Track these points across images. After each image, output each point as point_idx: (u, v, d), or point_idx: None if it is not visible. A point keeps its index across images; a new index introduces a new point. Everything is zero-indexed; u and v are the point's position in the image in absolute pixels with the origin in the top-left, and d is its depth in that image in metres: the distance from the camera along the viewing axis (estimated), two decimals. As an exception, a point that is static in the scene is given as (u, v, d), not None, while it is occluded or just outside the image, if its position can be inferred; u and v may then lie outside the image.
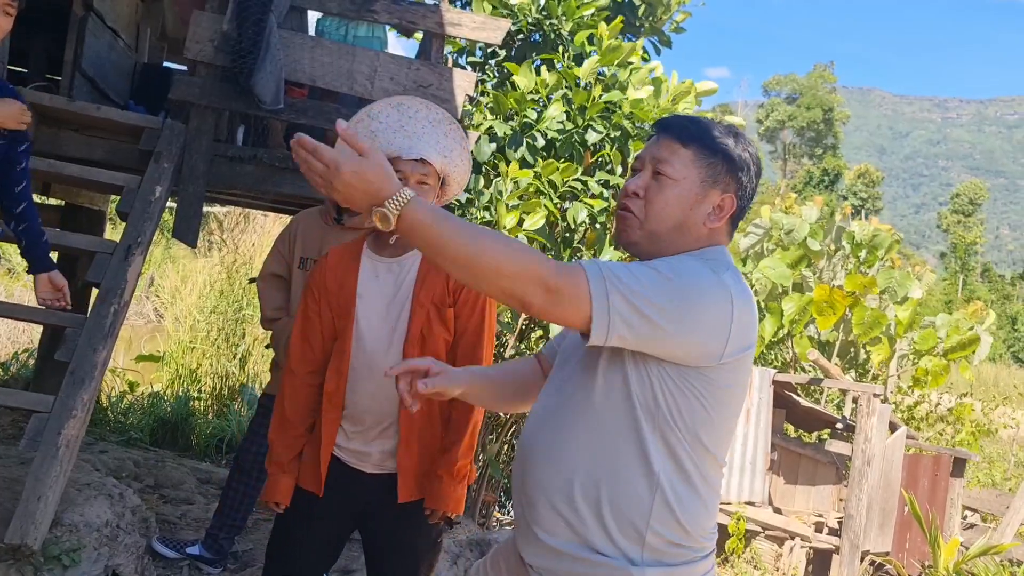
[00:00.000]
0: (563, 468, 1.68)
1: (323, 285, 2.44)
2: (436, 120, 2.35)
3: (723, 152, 1.70)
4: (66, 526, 3.28)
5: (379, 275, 2.41)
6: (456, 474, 2.39)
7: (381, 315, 2.38)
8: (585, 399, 1.69)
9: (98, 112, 4.14)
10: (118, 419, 6.71)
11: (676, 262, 1.60)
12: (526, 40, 5.23)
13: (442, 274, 2.38)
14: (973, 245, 53.80)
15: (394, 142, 2.33)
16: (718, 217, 1.72)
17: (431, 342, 2.36)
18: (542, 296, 1.48)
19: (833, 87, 68.23)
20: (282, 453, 2.45)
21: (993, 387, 19.92)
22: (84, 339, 3.39)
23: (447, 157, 2.37)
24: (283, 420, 2.47)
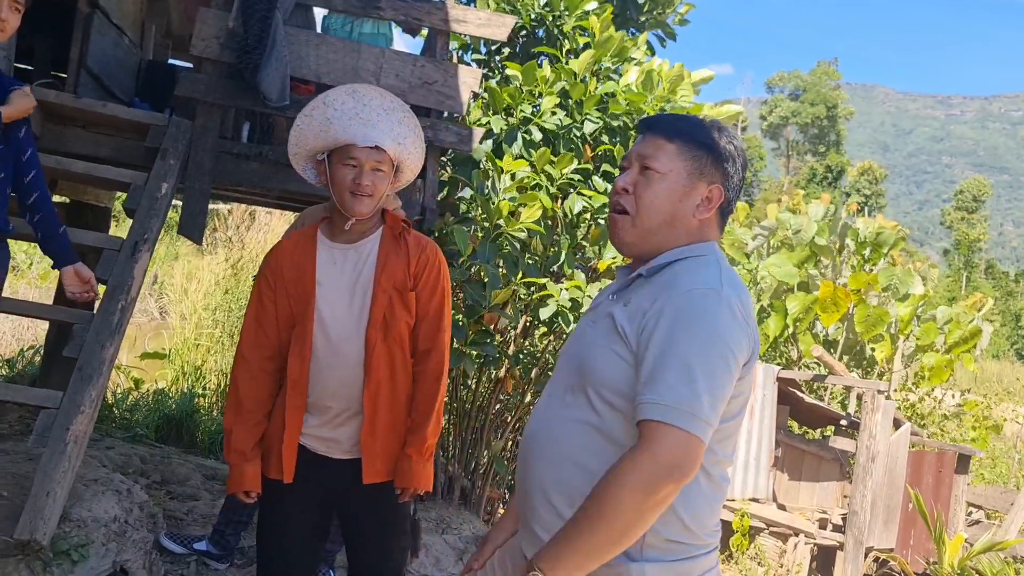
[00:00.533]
0: (561, 467, 1.70)
1: (278, 271, 2.45)
2: (390, 108, 2.40)
3: (707, 145, 1.74)
4: (74, 521, 3.29)
5: (337, 261, 2.43)
6: (424, 452, 2.44)
7: (343, 301, 2.40)
8: (582, 399, 1.71)
9: (104, 109, 4.14)
10: (123, 416, 6.72)
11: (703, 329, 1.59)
12: (530, 36, 5.24)
13: (402, 258, 2.43)
14: (977, 242, 53.69)
15: (349, 129, 2.37)
16: (707, 208, 1.75)
17: (394, 325, 2.40)
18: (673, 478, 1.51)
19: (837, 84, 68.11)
20: (243, 441, 2.43)
21: (997, 383, 19.88)
22: (92, 335, 3.40)
23: (401, 144, 2.41)
24: (240, 407, 2.45)
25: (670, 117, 1.81)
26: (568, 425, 1.71)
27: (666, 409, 1.52)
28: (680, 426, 1.51)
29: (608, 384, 1.66)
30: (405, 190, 4.29)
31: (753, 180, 56.18)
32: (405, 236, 2.47)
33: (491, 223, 4.21)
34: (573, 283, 4.34)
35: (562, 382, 1.80)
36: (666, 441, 1.51)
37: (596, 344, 1.71)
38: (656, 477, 1.50)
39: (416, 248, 2.46)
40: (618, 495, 1.51)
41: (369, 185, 2.36)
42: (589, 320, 1.83)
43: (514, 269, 4.25)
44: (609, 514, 1.51)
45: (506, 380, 5.12)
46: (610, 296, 1.81)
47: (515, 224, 4.17)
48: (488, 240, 4.16)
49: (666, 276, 1.69)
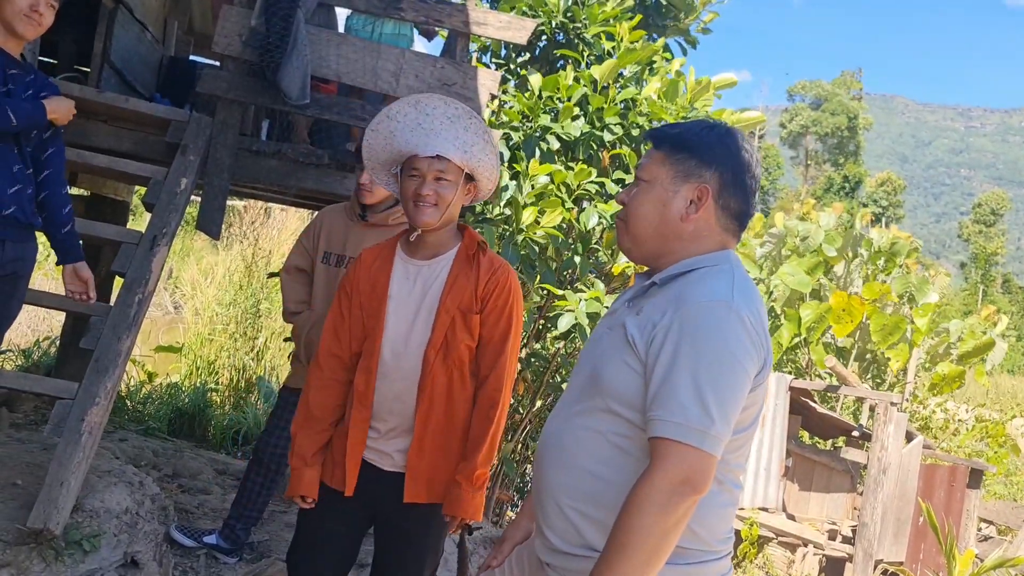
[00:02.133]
0: (572, 473, 1.73)
1: (356, 284, 2.46)
2: (454, 116, 2.33)
3: (690, 146, 1.74)
4: (87, 512, 3.32)
5: (410, 277, 2.43)
6: (475, 481, 2.39)
7: (409, 317, 2.40)
8: (594, 407, 1.72)
9: (127, 104, 4.18)
10: (136, 408, 6.77)
11: (715, 342, 1.59)
12: (551, 41, 5.24)
13: (471, 279, 2.39)
14: (994, 256, 53.25)
15: (411, 140, 2.34)
16: (697, 208, 1.73)
17: (453, 348, 2.38)
18: (688, 495, 1.53)
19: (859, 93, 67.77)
20: (306, 447, 2.46)
21: (1011, 398, 19.71)
22: (109, 328, 3.43)
23: (468, 152, 2.35)
24: (308, 415, 2.48)
25: (667, 126, 1.83)
26: (579, 432, 1.73)
27: (677, 427, 1.54)
28: (691, 444, 1.53)
29: (618, 395, 1.67)
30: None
31: (770, 189, 55.96)
32: (479, 257, 2.43)
33: (515, 226, 4.23)
34: (593, 293, 4.34)
35: (576, 388, 1.81)
36: (677, 459, 1.53)
37: (609, 354, 1.72)
38: (671, 496, 1.52)
39: (488, 270, 2.41)
40: (640, 522, 1.52)
41: (431, 195, 2.32)
42: (607, 326, 1.84)
43: (531, 272, 4.26)
44: (636, 542, 1.52)
45: (517, 383, 5.12)
46: (626, 303, 1.81)
47: (536, 228, 4.19)
48: (510, 243, 4.17)
49: (678, 286, 1.69)
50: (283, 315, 3.86)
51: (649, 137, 1.82)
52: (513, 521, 2.08)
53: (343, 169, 4.44)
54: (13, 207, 2.82)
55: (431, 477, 2.40)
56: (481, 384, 2.44)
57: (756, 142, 48.52)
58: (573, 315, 4.30)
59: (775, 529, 7.77)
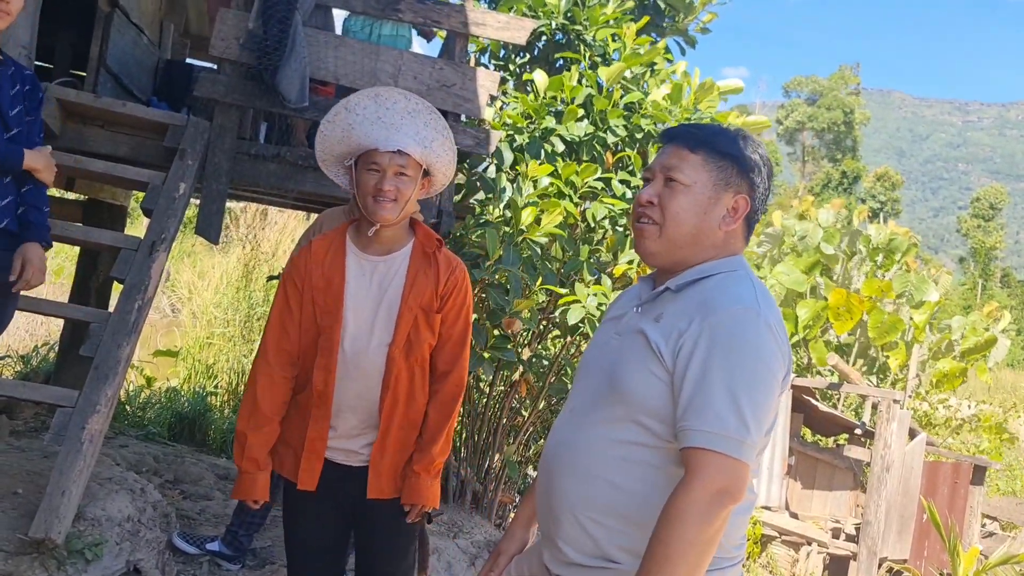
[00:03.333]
0: (590, 484, 1.70)
1: (307, 277, 2.40)
2: (414, 111, 2.32)
3: (731, 154, 1.73)
4: (88, 520, 3.29)
5: (366, 273, 2.39)
6: (432, 471, 2.43)
7: (368, 314, 2.37)
8: (613, 415, 1.69)
9: (123, 108, 4.15)
10: (136, 413, 6.74)
11: (746, 348, 1.59)
12: (550, 42, 5.22)
13: (431, 278, 2.39)
14: (993, 250, 53.28)
15: (371, 134, 2.31)
16: (733, 219, 1.74)
17: (416, 346, 2.38)
18: (726, 504, 1.53)
19: (856, 89, 67.76)
20: (257, 449, 2.40)
21: (1012, 394, 19.72)
22: (108, 335, 3.40)
23: (427, 148, 2.34)
24: (256, 411, 2.40)
25: (692, 127, 1.79)
26: (598, 442, 1.70)
27: (713, 437, 1.53)
28: (728, 453, 1.52)
29: (643, 405, 1.65)
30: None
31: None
32: (436, 255, 2.42)
33: (515, 228, 4.20)
34: (600, 288, 4.33)
35: (589, 397, 1.77)
36: (715, 469, 1.52)
37: (629, 362, 1.69)
38: (711, 506, 1.50)
39: (446, 269, 2.42)
40: (681, 533, 1.50)
41: (392, 190, 2.30)
42: (613, 332, 1.81)
43: (533, 274, 4.24)
44: (679, 555, 1.49)
45: (520, 385, 5.10)
46: (636, 309, 1.78)
47: (537, 230, 4.17)
48: (511, 245, 4.15)
49: (699, 292, 1.68)
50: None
51: (679, 138, 1.76)
52: (507, 532, 2.05)
53: (342, 172, 4.41)
54: (6, 220, 2.79)
55: (396, 473, 2.42)
56: (441, 379, 2.46)
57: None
58: (583, 308, 4.27)
59: (779, 528, 7.76)
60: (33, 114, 2.95)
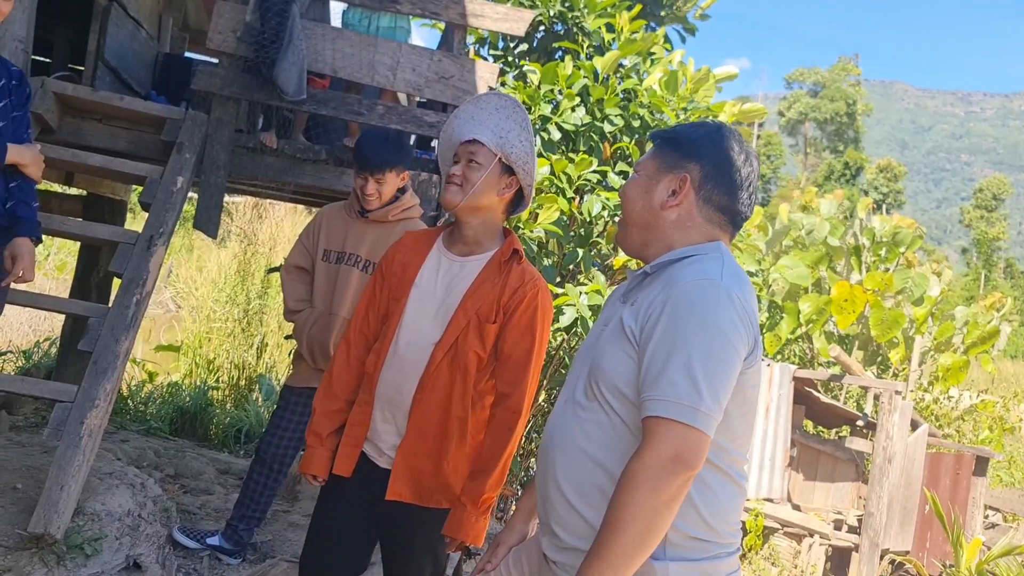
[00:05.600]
0: (577, 465, 1.73)
1: (391, 264, 2.44)
2: (500, 106, 2.36)
3: (676, 141, 1.81)
4: (88, 515, 3.29)
5: (441, 269, 2.39)
6: (481, 505, 2.30)
7: (428, 310, 2.36)
8: (595, 399, 1.73)
9: (121, 102, 4.14)
10: (138, 408, 6.75)
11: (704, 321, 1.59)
12: (548, 32, 5.20)
13: (497, 287, 2.33)
14: (996, 241, 53.19)
15: (460, 131, 2.37)
16: (676, 199, 1.78)
17: (461, 353, 2.30)
18: (678, 472, 1.52)
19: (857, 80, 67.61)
20: (322, 424, 2.44)
21: (1015, 383, 19.70)
22: (107, 329, 3.40)
23: (502, 138, 2.33)
24: (329, 388, 2.45)
25: (670, 127, 1.92)
26: (582, 425, 1.74)
27: (666, 404, 1.54)
28: (680, 420, 1.53)
29: (618, 382, 1.68)
30: (421, 185, 4.28)
31: (771, 177, 55.88)
32: (511, 265, 2.36)
33: (511, 224, 4.18)
34: (593, 287, 4.30)
35: (575, 385, 1.82)
36: (667, 436, 1.52)
37: (606, 345, 1.74)
38: (662, 472, 1.51)
39: (516, 281, 2.33)
40: (631, 498, 1.51)
41: (458, 175, 2.31)
42: (603, 323, 1.86)
43: (530, 269, 4.22)
44: (627, 519, 1.51)
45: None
46: (620, 300, 1.84)
47: (533, 226, 4.15)
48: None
49: (668, 272, 1.73)
50: (284, 314, 3.83)
51: (650, 138, 1.88)
52: (507, 524, 2.06)
53: (341, 165, 4.41)
54: None
55: (418, 478, 2.33)
56: (500, 401, 2.34)
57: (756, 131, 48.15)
58: (575, 308, 4.27)
59: (781, 520, 7.75)
60: (20, 110, 2.91)
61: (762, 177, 53.82)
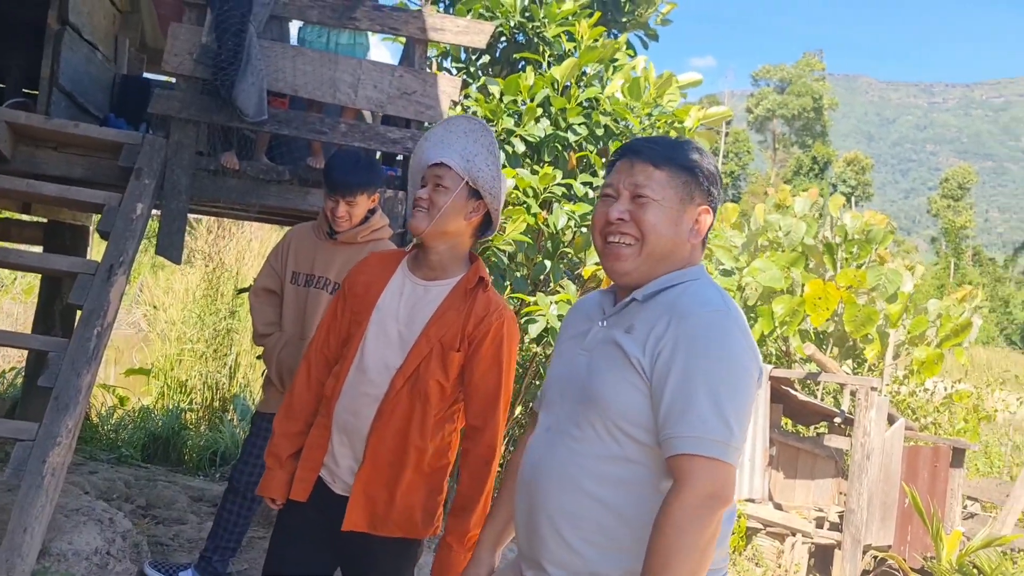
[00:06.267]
0: (575, 501, 1.68)
1: (353, 286, 2.40)
2: (469, 130, 2.33)
3: (692, 168, 1.75)
4: (54, 556, 3.22)
5: (404, 293, 2.34)
6: (467, 543, 2.24)
7: (390, 335, 2.30)
8: (595, 431, 1.68)
9: (76, 129, 4.05)
10: (109, 435, 6.63)
11: (722, 351, 1.60)
12: (511, 42, 5.16)
13: (462, 314, 2.28)
14: (963, 229, 53.92)
15: (429, 153, 2.34)
16: (698, 232, 1.76)
17: (421, 381, 2.26)
18: (717, 509, 1.53)
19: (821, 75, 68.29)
20: (281, 446, 2.40)
21: (987, 371, 19.94)
22: (67, 364, 3.32)
23: (469, 162, 2.29)
24: (289, 409, 2.42)
25: (650, 142, 1.79)
26: (582, 459, 1.68)
27: (699, 441, 1.53)
28: (715, 456, 1.52)
29: (626, 416, 1.64)
30: (387, 202, 4.22)
31: (740, 174, 56.27)
32: (477, 293, 2.31)
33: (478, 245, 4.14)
34: (563, 296, 4.27)
35: (564, 414, 1.75)
36: (705, 473, 1.51)
37: (605, 374, 1.68)
38: (703, 511, 1.50)
39: (482, 310, 2.28)
40: (679, 541, 1.49)
41: (425, 199, 2.27)
42: (579, 348, 1.79)
43: (501, 282, 4.18)
44: (678, 562, 1.48)
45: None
46: (601, 323, 1.77)
47: (501, 238, 4.11)
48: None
49: (667, 300, 1.68)
50: (253, 337, 3.77)
51: (641, 154, 1.76)
52: (473, 557, 1.99)
53: (305, 184, 4.35)
54: None
55: (373, 508, 2.27)
56: (473, 436, 2.30)
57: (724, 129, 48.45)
58: (545, 319, 4.23)
59: (763, 520, 7.76)
60: None
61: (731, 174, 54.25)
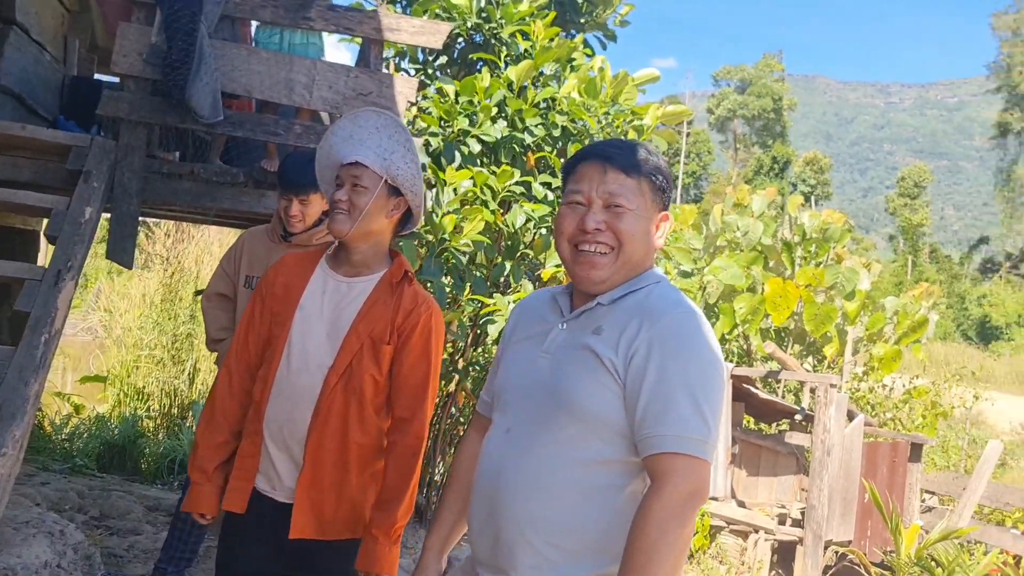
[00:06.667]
0: (545, 506, 1.65)
1: (271, 287, 2.36)
2: (381, 126, 2.30)
3: (655, 174, 1.76)
4: (2, 570, 3.12)
5: (327, 291, 2.31)
6: (393, 534, 2.25)
7: (315, 334, 2.28)
8: (566, 435, 1.66)
9: (23, 132, 3.94)
10: (63, 444, 6.48)
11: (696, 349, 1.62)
12: (468, 43, 5.14)
13: (390, 307, 2.27)
14: (920, 227, 54.87)
15: (341, 150, 2.30)
16: (661, 236, 1.79)
17: (357, 376, 2.25)
18: (697, 506, 1.55)
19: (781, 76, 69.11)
20: (207, 458, 2.32)
21: (945, 367, 20.28)
22: (14, 372, 3.22)
23: (387, 160, 2.27)
24: (212, 419, 2.35)
25: (617, 148, 1.78)
26: (552, 464, 1.66)
27: (679, 440, 1.55)
28: (695, 455, 1.54)
29: (599, 419, 1.64)
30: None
31: (702, 174, 56.76)
32: (403, 287, 2.31)
33: (436, 238, 4.10)
34: (520, 295, 4.26)
35: (527, 418, 1.72)
36: (683, 472, 1.53)
37: (576, 377, 1.67)
38: (685, 509, 1.52)
39: (410, 303, 2.29)
40: (661, 539, 1.49)
41: (344, 201, 2.24)
42: (538, 351, 1.77)
43: (460, 284, 4.15)
44: (661, 559, 1.49)
45: (456, 394, 5.01)
46: (561, 325, 1.76)
47: (459, 239, 4.07)
48: (433, 255, 4.05)
49: (634, 302, 1.70)
50: (206, 343, 3.71)
51: (615, 162, 1.74)
52: (420, 564, 1.95)
53: (260, 187, 4.28)
54: None
55: (320, 512, 2.25)
56: (400, 427, 2.29)
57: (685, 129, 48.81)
58: (504, 319, 4.21)
59: (726, 518, 7.81)
60: None
61: (693, 174, 54.71)
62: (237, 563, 2.34)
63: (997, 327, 41.24)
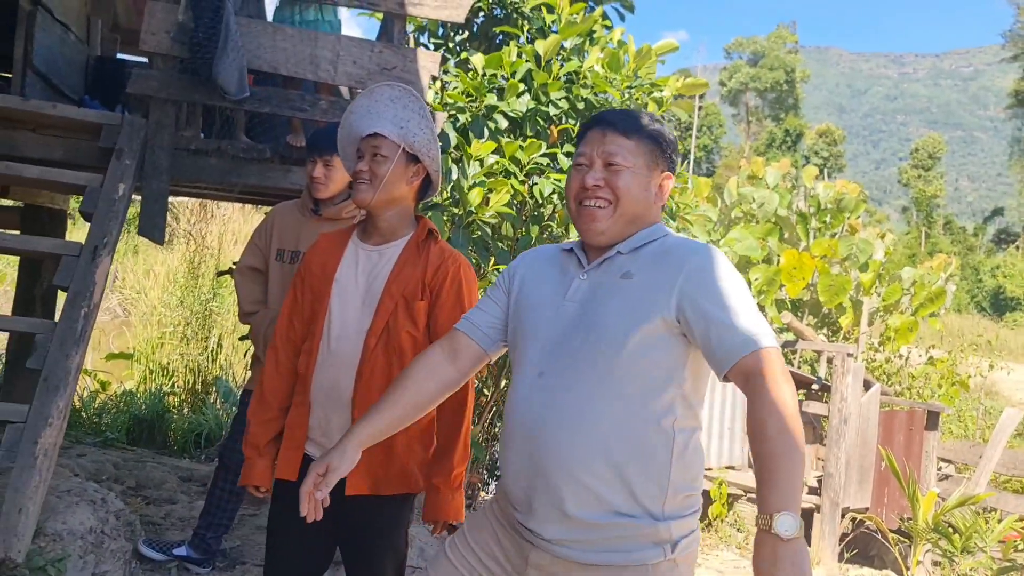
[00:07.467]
0: (589, 444, 1.74)
1: (309, 267, 2.46)
2: (395, 97, 2.38)
3: (657, 138, 1.91)
4: (49, 536, 3.23)
5: (360, 261, 2.40)
6: (453, 482, 2.37)
7: (355, 302, 2.37)
8: (606, 374, 1.75)
9: (54, 111, 4.01)
10: (92, 420, 6.61)
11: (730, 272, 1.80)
12: (489, 17, 5.16)
13: (419, 266, 2.36)
14: (934, 198, 54.52)
15: (360, 124, 2.39)
16: (661, 196, 1.94)
17: (395, 335, 2.33)
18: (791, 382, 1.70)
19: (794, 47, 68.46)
20: (259, 435, 2.44)
21: (960, 337, 20.25)
22: (56, 345, 3.31)
23: (403, 128, 2.35)
24: (261, 398, 2.46)
25: (619, 114, 1.95)
26: (592, 401, 1.75)
27: (759, 336, 1.69)
28: (771, 345, 1.69)
29: (639, 351, 1.74)
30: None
31: (713, 147, 56.44)
32: (428, 245, 2.40)
33: (463, 210, 4.16)
34: None
35: (563, 360, 1.80)
36: (773, 358, 1.67)
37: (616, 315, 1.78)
38: (789, 383, 1.65)
39: (437, 258, 2.38)
40: (793, 420, 1.60)
41: (365, 171, 2.33)
42: (562, 299, 1.87)
43: (485, 255, 4.21)
44: (797, 438, 1.60)
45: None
46: (581, 275, 1.88)
47: (486, 210, 4.13)
48: (460, 227, 4.11)
49: (655, 249, 1.85)
50: (239, 316, 3.78)
51: (612, 125, 1.90)
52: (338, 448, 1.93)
53: (286, 163, 4.34)
54: None
55: (373, 469, 2.32)
56: None
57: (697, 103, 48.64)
58: None
59: (743, 487, 7.89)
60: None
61: (705, 148, 54.38)
62: (290, 527, 2.40)
63: (1012, 298, 41.05)
